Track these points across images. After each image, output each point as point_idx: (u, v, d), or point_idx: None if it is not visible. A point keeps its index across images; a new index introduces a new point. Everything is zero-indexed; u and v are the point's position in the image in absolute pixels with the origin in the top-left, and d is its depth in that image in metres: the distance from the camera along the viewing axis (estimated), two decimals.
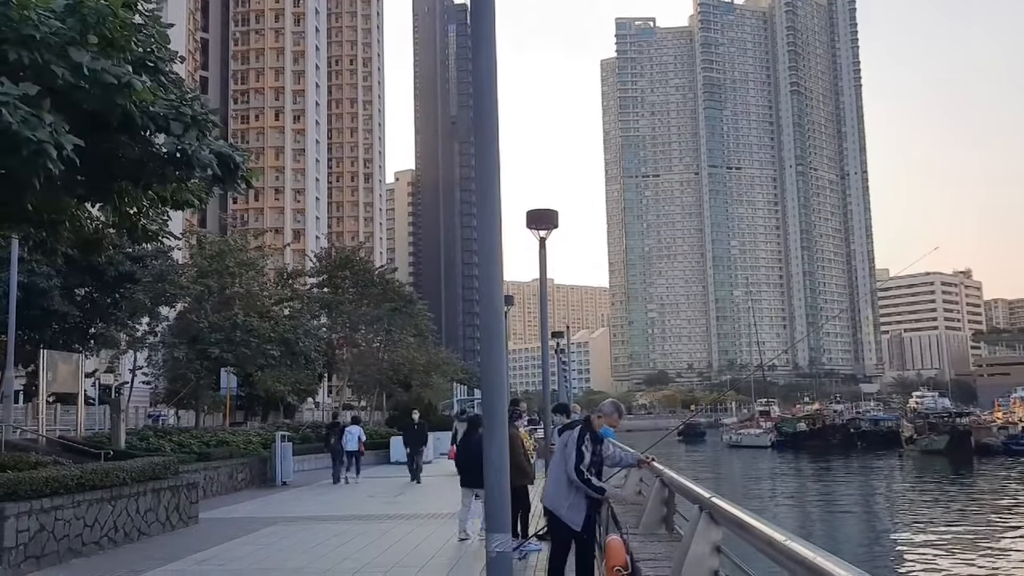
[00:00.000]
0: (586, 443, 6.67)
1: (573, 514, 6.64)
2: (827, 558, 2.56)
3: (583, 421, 7.06)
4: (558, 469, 6.83)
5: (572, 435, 6.82)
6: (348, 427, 23.64)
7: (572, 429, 6.99)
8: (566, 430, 7.15)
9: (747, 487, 43.80)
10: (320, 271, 40.35)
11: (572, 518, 6.64)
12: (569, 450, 6.69)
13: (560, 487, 6.76)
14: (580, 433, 6.78)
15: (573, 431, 6.90)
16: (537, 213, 15.51)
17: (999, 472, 46.17)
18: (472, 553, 10.48)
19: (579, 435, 6.76)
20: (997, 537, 24.06)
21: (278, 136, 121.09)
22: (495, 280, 5.65)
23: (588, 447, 6.66)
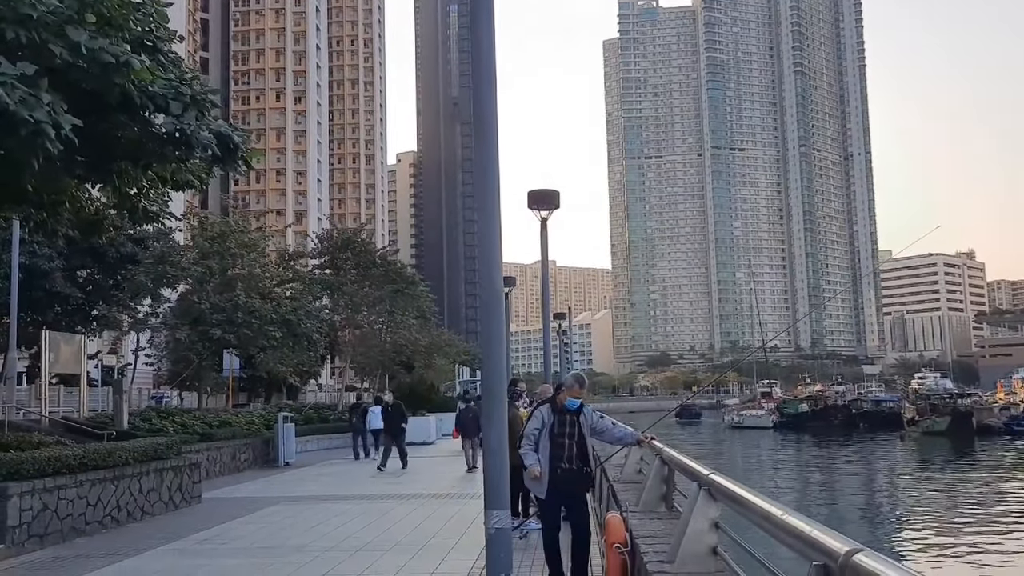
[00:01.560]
0: (537, 413, 7.05)
1: (536, 483, 6.93)
2: (823, 531, 2.57)
3: (550, 398, 7.27)
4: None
5: (535, 414, 7.19)
6: (371, 407, 24.51)
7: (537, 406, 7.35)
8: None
9: (749, 467, 43.97)
10: (322, 252, 40.25)
11: (535, 486, 6.98)
12: (527, 426, 7.08)
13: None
14: (536, 405, 7.27)
15: (537, 406, 7.30)
16: (538, 193, 15.48)
17: (1000, 452, 46.29)
18: (474, 530, 10.52)
19: (535, 407, 7.25)
20: (996, 517, 24.15)
21: (279, 117, 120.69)
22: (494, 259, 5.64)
23: (541, 416, 6.98)
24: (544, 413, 7.02)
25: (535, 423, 6.97)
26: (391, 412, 21.46)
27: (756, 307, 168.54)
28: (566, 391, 7.13)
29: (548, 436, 6.91)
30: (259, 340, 27.31)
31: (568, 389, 7.13)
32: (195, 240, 30.53)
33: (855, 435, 63.17)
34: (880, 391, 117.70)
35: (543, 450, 6.92)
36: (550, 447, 6.90)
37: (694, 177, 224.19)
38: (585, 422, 7.09)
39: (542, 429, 6.93)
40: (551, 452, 6.90)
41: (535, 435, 6.92)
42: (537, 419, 6.98)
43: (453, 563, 8.75)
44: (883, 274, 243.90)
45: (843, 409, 75.97)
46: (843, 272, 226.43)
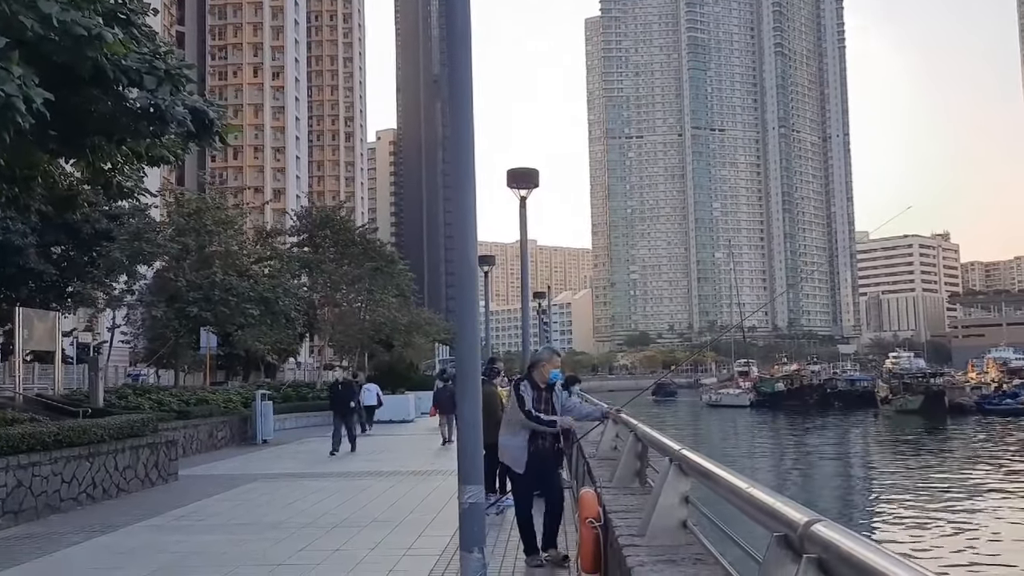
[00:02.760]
0: (523, 388, 7.10)
1: (516, 456, 7.08)
2: (785, 502, 2.62)
3: (526, 374, 7.45)
4: (505, 416, 7.34)
5: (520, 385, 7.26)
6: (366, 385, 26.23)
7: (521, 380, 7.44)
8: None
9: (725, 445, 44.44)
10: (300, 230, 40.08)
11: (515, 459, 7.10)
12: (512, 398, 7.15)
13: (505, 432, 7.18)
14: (516, 382, 7.35)
15: (523, 382, 7.33)
16: (518, 172, 15.44)
17: (970, 431, 47.08)
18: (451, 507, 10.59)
19: (515, 384, 7.31)
20: (962, 492, 24.61)
21: (257, 93, 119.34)
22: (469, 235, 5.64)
23: (527, 391, 7.08)
24: (526, 387, 7.12)
25: (529, 397, 7.07)
26: (340, 391, 19.95)
27: (735, 287, 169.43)
28: (546, 364, 7.25)
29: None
30: (236, 318, 27.20)
31: (548, 362, 7.26)
32: (171, 217, 30.28)
33: (830, 414, 63.95)
34: (855, 371, 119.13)
35: (525, 426, 7.03)
36: (520, 427, 7.04)
37: (674, 157, 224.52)
38: (556, 399, 7.25)
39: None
40: (530, 429, 7.03)
41: (535, 406, 7.07)
42: (528, 393, 7.08)
43: (429, 539, 8.81)
44: (859, 255, 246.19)
45: (818, 388, 76.84)
46: (820, 253, 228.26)
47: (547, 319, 35.96)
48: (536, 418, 6.98)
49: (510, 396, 7.49)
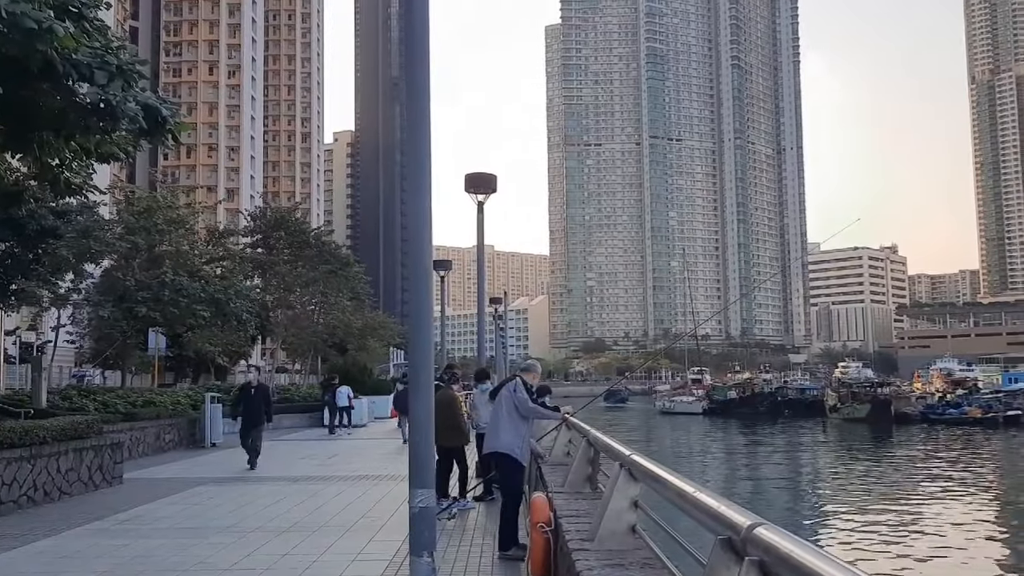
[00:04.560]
0: (521, 387, 7.90)
1: (524, 451, 7.90)
2: (730, 506, 2.66)
3: (514, 377, 8.19)
4: (502, 416, 7.84)
5: (511, 385, 7.97)
6: (339, 388, 28.37)
7: (505, 387, 8.10)
8: (500, 389, 8.26)
9: (678, 451, 44.87)
10: (254, 231, 39.57)
11: (524, 455, 7.90)
12: (519, 394, 7.79)
13: (509, 430, 7.77)
14: (516, 383, 7.95)
15: (510, 382, 8.04)
16: (475, 177, 15.43)
17: (915, 440, 48.18)
18: (403, 511, 10.54)
19: (518, 383, 7.93)
20: (907, 500, 25.18)
21: (212, 91, 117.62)
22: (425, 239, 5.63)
23: (524, 390, 7.90)
24: (524, 387, 7.96)
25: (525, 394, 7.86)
26: (254, 396, 17.11)
27: (689, 295, 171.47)
28: (535, 373, 8.35)
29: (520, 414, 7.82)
30: (187, 319, 26.72)
31: (536, 372, 8.40)
32: (121, 215, 29.64)
33: (780, 421, 64.93)
34: (805, 380, 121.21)
35: (524, 426, 7.87)
36: (524, 424, 7.84)
37: (632, 166, 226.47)
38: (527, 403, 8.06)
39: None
40: (525, 427, 7.88)
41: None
42: (524, 391, 7.86)
43: (380, 544, 8.75)
44: (811, 266, 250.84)
45: (769, 396, 77.99)
46: (773, 263, 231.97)
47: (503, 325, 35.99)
48: (544, 405, 7.96)
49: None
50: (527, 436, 8.05)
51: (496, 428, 7.91)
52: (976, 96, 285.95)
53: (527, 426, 7.95)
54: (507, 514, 7.85)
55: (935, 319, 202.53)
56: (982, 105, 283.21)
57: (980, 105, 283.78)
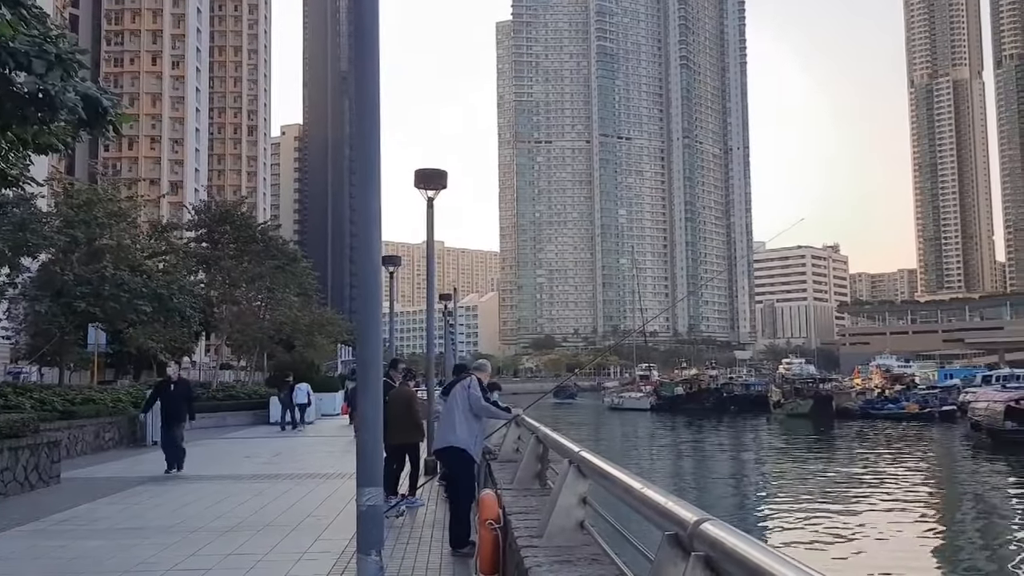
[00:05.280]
0: (476, 385, 8.06)
1: (477, 448, 8.03)
2: (677, 502, 2.69)
3: (468, 375, 8.38)
4: (457, 413, 7.94)
5: (465, 382, 8.12)
6: (297, 385, 28.76)
7: (458, 384, 8.27)
8: (452, 386, 8.61)
9: (627, 447, 45.29)
10: (198, 225, 38.76)
11: (477, 452, 8.03)
12: (473, 392, 7.92)
13: (463, 427, 7.86)
14: (472, 381, 8.11)
15: (465, 380, 8.19)
16: (425, 172, 15.31)
17: (855, 434, 49.34)
18: (351, 509, 10.45)
19: (472, 381, 8.09)
20: (848, 493, 25.82)
21: (155, 82, 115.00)
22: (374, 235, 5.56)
23: (479, 388, 8.07)
24: (479, 386, 8.09)
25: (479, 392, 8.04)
26: (174, 392, 15.75)
27: (638, 293, 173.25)
28: (486, 374, 8.53)
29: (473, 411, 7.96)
30: (128, 314, 26.08)
31: (488, 373, 8.62)
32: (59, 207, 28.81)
33: (726, 417, 65.93)
34: (750, 376, 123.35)
35: (477, 424, 8.01)
36: (477, 421, 8.01)
37: (582, 163, 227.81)
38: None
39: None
40: (478, 425, 8.03)
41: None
42: (478, 389, 8.04)
43: (327, 542, 8.66)
44: (756, 264, 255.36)
45: (715, 392, 79.08)
46: (720, 261, 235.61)
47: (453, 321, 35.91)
48: (496, 404, 8.15)
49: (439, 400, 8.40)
50: (480, 434, 8.16)
51: (451, 424, 7.97)
52: (915, 99, 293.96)
53: (480, 424, 8.09)
54: (459, 511, 7.87)
55: (875, 317, 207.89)
56: (920, 108, 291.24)
57: (918, 108, 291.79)
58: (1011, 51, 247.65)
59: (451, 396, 8.27)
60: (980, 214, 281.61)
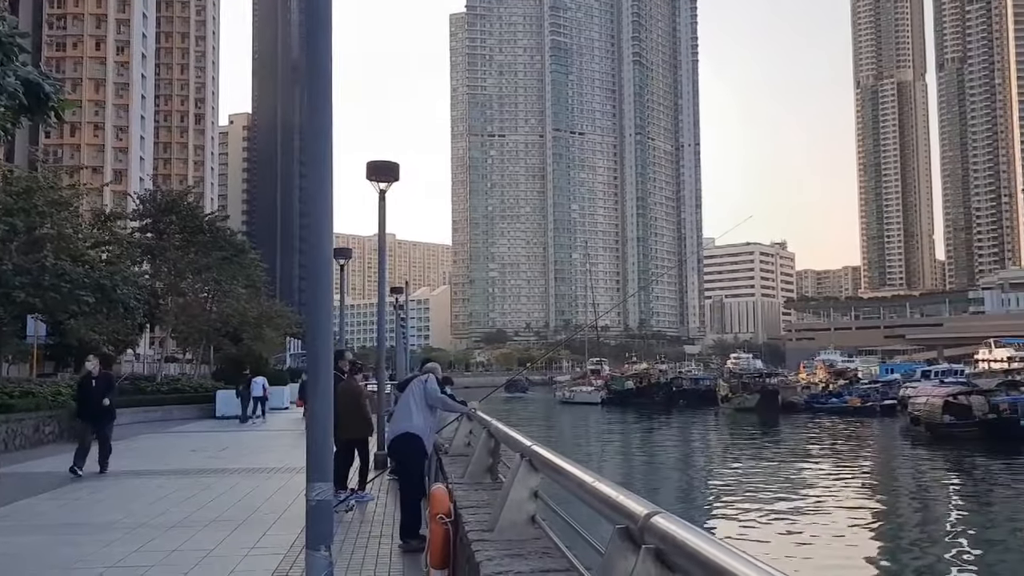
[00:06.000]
0: (433, 381, 8.28)
1: (431, 440, 8.23)
2: (628, 496, 2.70)
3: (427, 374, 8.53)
4: (413, 404, 8.07)
5: (423, 377, 8.28)
6: (255, 378, 29.04)
7: (415, 379, 8.40)
8: (409, 382, 8.52)
9: (577, 441, 45.60)
10: (143, 215, 37.85)
11: (430, 443, 8.22)
12: (429, 385, 8.13)
13: (419, 417, 8.01)
14: (430, 376, 8.32)
15: (421, 376, 8.34)
16: (377, 165, 15.18)
17: (800, 427, 50.36)
18: (299, 504, 10.33)
19: (431, 377, 8.30)
20: (793, 485, 26.35)
21: (99, 67, 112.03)
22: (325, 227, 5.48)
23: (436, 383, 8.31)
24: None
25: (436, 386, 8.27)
26: (95, 387, 14.58)
27: (590, 287, 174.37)
28: (437, 376, 8.62)
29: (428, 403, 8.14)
30: (69, 305, 25.36)
31: (439, 375, 8.70)
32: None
33: (675, 411, 66.75)
34: (699, 370, 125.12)
35: (432, 416, 8.22)
36: (432, 414, 8.22)
37: (535, 158, 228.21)
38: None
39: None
40: (433, 418, 8.27)
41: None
42: (435, 384, 8.28)
43: (275, 537, 8.55)
44: (705, 260, 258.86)
45: (665, 387, 79.99)
46: (670, 257, 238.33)
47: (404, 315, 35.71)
48: (452, 398, 8.39)
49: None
50: (434, 426, 8.38)
51: (407, 414, 8.09)
52: (860, 100, 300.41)
53: (435, 417, 8.31)
54: (410, 502, 7.85)
55: (820, 313, 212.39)
56: (865, 109, 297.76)
57: (864, 109, 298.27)
58: (952, 55, 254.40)
59: (407, 389, 8.35)
60: (921, 214, 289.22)
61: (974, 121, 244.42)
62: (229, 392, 30.52)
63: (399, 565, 7.42)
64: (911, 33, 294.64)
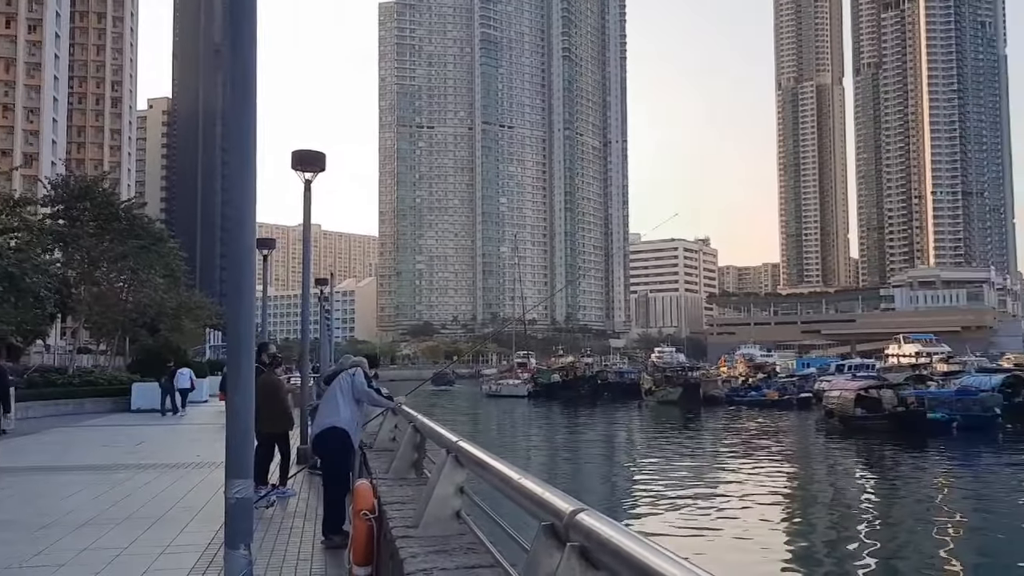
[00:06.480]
0: (361, 375, 8.17)
1: (357, 434, 8.08)
2: (553, 492, 2.69)
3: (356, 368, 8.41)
4: (340, 397, 7.96)
5: (351, 371, 8.18)
6: (180, 370, 28.41)
7: (343, 372, 8.31)
8: (335, 376, 8.41)
9: (502, 434, 45.75)
10: (55, 200, 36.34)
11: (356, 438, 8.06)
12: (357, 378, 8.03)
13: (346, 410, 7.91)
14: (358, 370, 8.22)
15: (349, 370, 8.24)
16: (303, 154, 14.86)
17: (720, 420, 51.57)
18: (218, 500, 10.07)
19: (359, 372, 8.19)
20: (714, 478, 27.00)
21: (8, 46, 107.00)
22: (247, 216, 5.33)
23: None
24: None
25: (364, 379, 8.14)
26: None
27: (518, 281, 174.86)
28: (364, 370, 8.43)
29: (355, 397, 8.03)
30: None
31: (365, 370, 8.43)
32: None
33: (600, 404, 67.55)
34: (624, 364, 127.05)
35: (359, 410, 8.14)
36: (359, 408, 8.12)
37: (464, 150, 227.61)
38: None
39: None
40: (360, 412, 8.17)
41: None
42: (363, 378, 8.13)
43: (192, 535, 8.32)
44: (632, 256, 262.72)
45: (590, 380, 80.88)
46: (598, 251, 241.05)
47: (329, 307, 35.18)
48: (379, 392, 8.18)
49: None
50: (361, 421, 8.30)
51: (334, 408, 7.98)
52: (781, 102, 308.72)
53: (362, 411, 8.25)
54: (333, 497, 7.72)
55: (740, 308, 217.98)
56: (786, 111, 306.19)
57: (785, 111, 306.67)
58: (868, 60, 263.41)
59: (334, 382, 8.23)
60: (838, 214, 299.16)
61: (887, 125, 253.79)
62: (146, 385, 29.63)
63: (321, 562, 7.30)
64: (830, 38, 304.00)
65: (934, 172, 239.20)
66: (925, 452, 33.03)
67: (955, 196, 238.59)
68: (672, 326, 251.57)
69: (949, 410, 38.44)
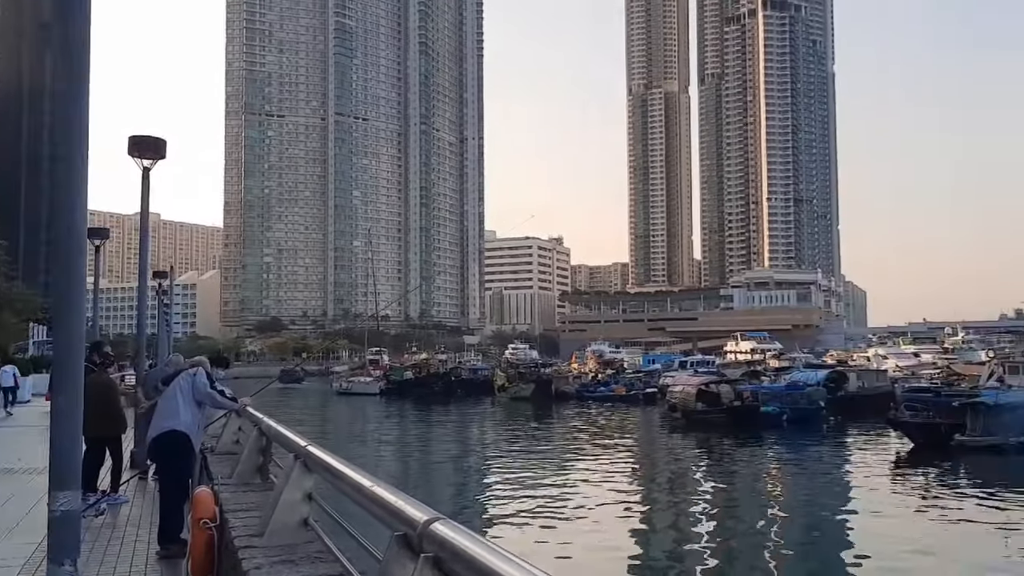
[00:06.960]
0: (203, 375, 7.87)
1: (199, 437, 7.80)
2: (407, 501, 2.64)
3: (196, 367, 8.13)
4: (180, 399, 7.64)
5: (192, 372, 7.88)
6: (3, 367, 26.95)
7: (183, 372, 8.01)
8: (175, 376, 8.06)
9: (353, 435, 44.99)
10: None
11: (198, 441, 7.76)
12: (199, 379, 7.72)
13: (187, 413, 7.58)
14: (199, 370, 7.92)
15: (190, 370, 7.95)
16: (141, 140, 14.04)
17: (571, 416, 52.86)
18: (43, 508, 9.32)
19: (200, 372, 7.89)
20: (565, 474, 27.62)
21: None
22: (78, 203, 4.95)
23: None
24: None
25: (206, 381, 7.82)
26: None
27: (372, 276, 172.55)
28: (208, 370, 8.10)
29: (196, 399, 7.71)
30: None
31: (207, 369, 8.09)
32: None
33: (453, 401, 67.74)
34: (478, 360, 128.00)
35: (200, 412, 7.80)
36: (200, 410, 7.80)
37: (316, 141, 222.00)
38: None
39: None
40: (201, 414, 7.85)
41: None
42: (205, 378, 7.81)
43: (13, 547, 7.66)
44: (487, 253, 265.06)
45: (444, 377, 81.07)
46: (453, 248, 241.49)
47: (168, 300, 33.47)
48: (222, 393, 7.83)
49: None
50: (202, 423, 7.98)
51: (173, 410, 7.61)
52: (632, 107, 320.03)
53: (203, 413, 7.94)
54: (171, 505, 7.34)
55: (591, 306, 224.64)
56: (636, 116, 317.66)
57: (635, 116, 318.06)
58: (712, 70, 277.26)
59: (174, 383, 7.87)
60: (683, 216, 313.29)
61: (728, 133, 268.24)
62: None
63: (156, 575, 6.89)
64: (678, 47, 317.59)
65: (770, 179, 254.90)
66: (760, 444, 35.14)
67: (788, 202, 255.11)
68: (526, 323, 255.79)
69: (780, 404, 41.10)
